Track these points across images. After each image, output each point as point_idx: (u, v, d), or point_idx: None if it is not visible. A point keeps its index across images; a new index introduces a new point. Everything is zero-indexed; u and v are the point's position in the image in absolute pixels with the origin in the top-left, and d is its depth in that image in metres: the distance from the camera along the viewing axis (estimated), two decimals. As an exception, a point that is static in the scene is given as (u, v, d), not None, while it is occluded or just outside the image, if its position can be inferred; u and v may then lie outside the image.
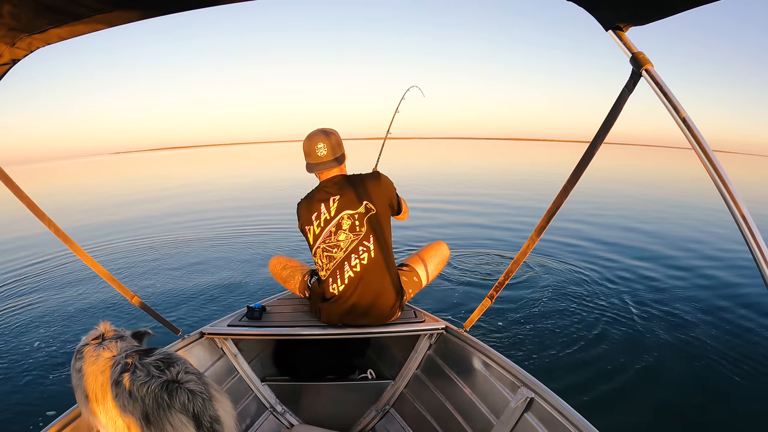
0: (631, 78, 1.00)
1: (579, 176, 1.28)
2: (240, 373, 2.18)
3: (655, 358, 3.05)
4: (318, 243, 1.98)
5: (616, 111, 1.10)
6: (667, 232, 7.24)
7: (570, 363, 3.01)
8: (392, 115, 2.88)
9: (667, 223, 8.19)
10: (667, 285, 4.53)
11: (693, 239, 6.71)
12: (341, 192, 1.95)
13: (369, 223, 1.93)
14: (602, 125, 1.14)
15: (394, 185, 2.04)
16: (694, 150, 0.83)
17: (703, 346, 3.21)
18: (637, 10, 0.92)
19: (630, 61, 0.96)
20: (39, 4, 0.96)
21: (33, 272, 5.75)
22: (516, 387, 1.57)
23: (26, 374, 3.10)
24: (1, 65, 1.16)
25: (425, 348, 2.11)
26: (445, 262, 2.40)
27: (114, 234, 7.86)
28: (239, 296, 4.38)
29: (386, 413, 2.12)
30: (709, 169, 0.81)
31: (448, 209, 9.40)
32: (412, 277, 2.19)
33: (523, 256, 1.57)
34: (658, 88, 0.89)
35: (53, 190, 20.83)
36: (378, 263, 1.95)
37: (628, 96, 1.05)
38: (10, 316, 4.25)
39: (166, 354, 1.27)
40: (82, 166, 63.48)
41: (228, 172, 26.58)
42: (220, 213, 9.74)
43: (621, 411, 2.53)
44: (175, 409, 1.13)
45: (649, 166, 31.97)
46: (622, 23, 0.96)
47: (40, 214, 1.50)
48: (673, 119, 0.85)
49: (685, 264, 5.31)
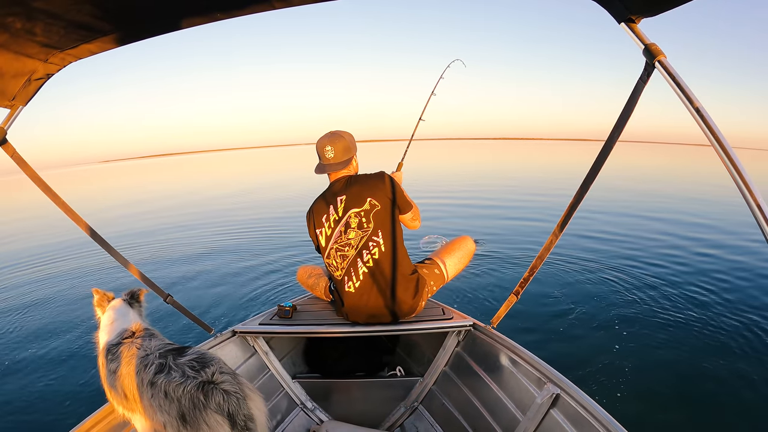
0: (645, 70, 0.98)
1: (598, 170, 1.27)
2: (271, 371, 2.24)
3: (690, 359, 2.95)
4: (331, 244, 2.03)
5: (632, 103, 1.08)
6: (704, 227, 6.94)
7: (597, 358, 2.95)
8: (428, 97, 2.80)
9: (705, 217, 7.85)
10: (708, 282, 4.34)
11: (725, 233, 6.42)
12: (347, 191, 2.00)
13: (375, 218, 1.97)
14: (618, 118, 1.13)
15: (399, 185, 2.06)
16: (708, 140, 0.81)
17: (742, 347, 3.09)
18: (647, 1, 0.91)
19: (643, 52, 0.95)
20: (70, 21, 1.02)
21: (67, 272, 6.11)
22: (542, 383, 1.57)
23: (59, 372, 3.29)
24: (36, 80, 1.24)
25: (453, 345, 2.12)
26: (471, 256, 2.38)
27: (146, 237, 8.22)
28: (270, 296, 4.48)
29: (415, 410, 2.14)
30: (724, 159, 0.79)
31: (470, 204, 9.35)
32: (433, 270, 2.18)
33: (546, 251, 1.57)
34: (671, 79, 0.88)
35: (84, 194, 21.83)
36: (389, 256, 1.98)
37: (643, 88, 1.03)
38: (47, 316, 4.50)
39: (199, 354, 1.29)
40: (76, 175, 65.63)
41: (261, 176, 27.13)
42: (251, 215, 10.00)
43: (650, 411, 2.46)
44: (211, 409, 1.16)
45: (659, 164, 30.60)
46: (634, 15, 0.95)
47: (77, 218, 1.60)
48: (687, 110, 0.84)
49: (722, 258, 5.11)
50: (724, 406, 2.47)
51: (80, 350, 3.61)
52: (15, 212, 16.79)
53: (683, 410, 2.46)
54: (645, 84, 1.02)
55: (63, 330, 4.06)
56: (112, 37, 1.15)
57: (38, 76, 1.24)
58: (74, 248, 7.58)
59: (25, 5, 0.91)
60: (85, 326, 4.06)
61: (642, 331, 3.32)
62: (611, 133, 1.17)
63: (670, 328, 3.35)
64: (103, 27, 1.09)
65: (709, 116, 0.81)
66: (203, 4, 1.07)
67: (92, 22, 1.06)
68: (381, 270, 1.98)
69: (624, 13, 0.95)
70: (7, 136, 1.34)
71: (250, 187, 18.27)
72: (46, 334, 4.03)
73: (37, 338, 3.94)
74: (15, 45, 1.07)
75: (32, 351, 3.68)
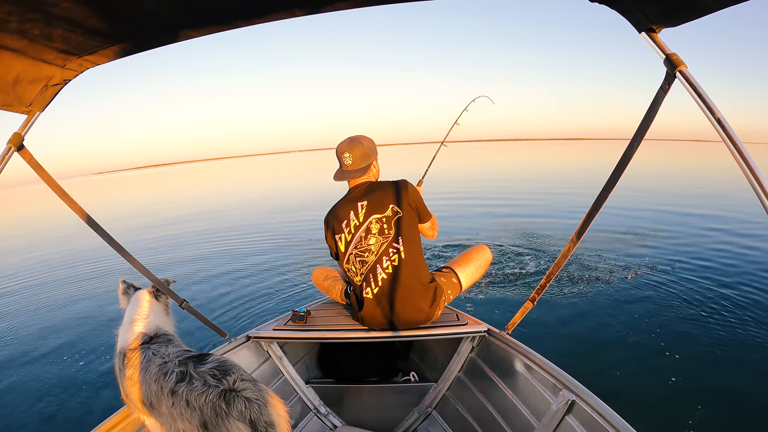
0: (666, 79, 0.99)
1: (618, 178, 1.26)
2: (285, 376, 2.26)
3: (709, 365, 2.90)
4: (350, 249, 2.03)
5: (653, 112, 1.08)
6: (723, 227, 6.85)
7: (613, 364, 2.92)
8: (451, 125, 2.83)
9: (721, 219, 7.76)
10: (729, 287, 4.26)
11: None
12: (368, 197, 2.01)
13: (396, 225, 1.98)
14: (639, 126, 1.13)
15: (420, 194, 2.08)
16: (729, 150, 0.82)
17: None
18: (669, 11, 0.91)
19: (664, 62, 0.95)
20: (89, 27, 1.03)
21: (81, 279, 6.23)
22: (557, 390, 1.56)
23: (75, 377, 3.35)
24: (53, 86, 1.25)
25: (467, 351, 2.11)
26: (487, 266, 2.39)
27: (163, 245, 8.33)
28: (284, 301, 4.52)
29: (428, 415, 2.14)
30: (744, 168, 0.79)
31: (482, 204, 9.32)
32: (450, 278, 2.19)
33: (564, 259, 1.57)
34: (692, 89, 0.88)
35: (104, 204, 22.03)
36: (408, 263, 1.98)
37: (664, 97, 1.03)
38: (61, 321, 4.60)
39: (220, 362, 1.30)
40: (79, 186, 66.46)
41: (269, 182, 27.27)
42: (263, 221, 10.08)
43: (665, 416, 2.43)
44: (233, 417, 1.17)
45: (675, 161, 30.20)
46: (655, 25, 0.95)
47: (94, 225, 1.59)
48: (708, 120, 0.84)
49: (744, 265, 4.99)
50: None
51: (101, 359, 3.66)
52: (29, 222, 17.10)
53: (706, 415, 2.42)
54: (666, 93, 1.02)
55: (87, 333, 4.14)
56: (131, 44, 1.15)
57: (55, 82, 1.24)
58: (86, 254, 7.73)
59: (44, 12, 0.91)
60: (98, 335, 4.13)
61: (660, 336, 3.28)
62: (632, 140, 1.17)
63: (696, 337, 3.29)
64: (121, 33, 1.09)
65: (729, 126, 0.82)
66: (223, 12, 1.07)
67: (111, 28, 1.06)
68: (400, 277, 1.98)
69: (645, 22, 0.96)
70: (24, 142, 1.32)
71: (265, 194, 18.38)
72: (65, 333, 4.12)
73: (61, 334, 4.04)
74: (33, 51, 1.07)
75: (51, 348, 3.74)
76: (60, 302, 5.28)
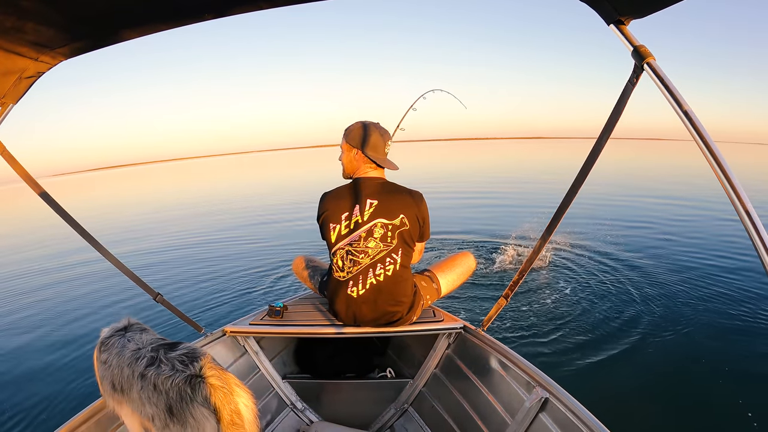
0: (634, 72, 0.98)
1: (587, 174, 1.26)
2: (261, 371, 2.23)
3: (676, 360, 2.97)
4: (341, 244, 1.94)
5: (621, 105, 1.08)
6: (685, 230, 6.95)
7: (586, 362, 2.96)
8: (405, 111, 2.79)
9: (687, 220, 7.87)
10: (690, 281, 4.38)
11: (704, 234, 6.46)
12: (379, 197, 1.91)
13: (400, 237, 1.90)
14: (608, 121, 1.12)
15: (428, 213, 2.00)
16: (697, 144, 0.81)
17: (735, 350, 3.10)
18: (636, 1, 0.91)
19: (632, 54, 0.95)
20: (61, 20, 1.02)
21: (56, 272, 6.18)
22: (531, 387, 1.56)
23: (50, 370, 3.30)
24: (26, 78, 1.23)
25: (444, 347, 2.11)
26: (470, 274, 2.37)
27: (138, 236, 8.26)
28: (261, 295, 4.48)
29: (405, 412, 2.14)
30: (712, 163, 0.79)
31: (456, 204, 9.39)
32: (431, 284, 2.18)
33: (535, 255, 1.58)
34: (660, 82, 0.88)
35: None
36: (400, 276, 1.94)
37: (632, 90, 1.03)
38: (34, 314, 4.54)
39: (190, 349, 1.30)
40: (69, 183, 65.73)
41: (249, 179, 27.14)
42: (241, 215, 10.02)
43: (637, 413, 2.47)
44: (198, 402, 1.17)
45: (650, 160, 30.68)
46: (623, 17, 0.95)
47: (67, 217, 1.58)
48: (676, 113, 0.83)
49: (704, 262, 5.10)
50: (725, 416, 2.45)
51: (77, 351, 3.60)
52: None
53: (671, 413, 2.46)
54: (634, 86, 1.02)
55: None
56: (103, 36, 1.14)
57: (29, 75, 1.23)
58: (56, 245, 7.61)
59: (15, 5, 0.90)
60: (72, 328, 4.06)
61: (633, 333, 3.32)
62: (600, 136, 1.17)
63: (661, 330, 3.36)
64: (93, 26, 1.09)
65: (697, 119, 0.81)
66: (193, 4, 1.07)
67: (83, 21, 1.05)
68: (389, 286, 1.93)
69: (613, 14, 0.95)
70: None
71: (245, 191, 18.31)
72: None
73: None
74: (5, 43, 1.06)
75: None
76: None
